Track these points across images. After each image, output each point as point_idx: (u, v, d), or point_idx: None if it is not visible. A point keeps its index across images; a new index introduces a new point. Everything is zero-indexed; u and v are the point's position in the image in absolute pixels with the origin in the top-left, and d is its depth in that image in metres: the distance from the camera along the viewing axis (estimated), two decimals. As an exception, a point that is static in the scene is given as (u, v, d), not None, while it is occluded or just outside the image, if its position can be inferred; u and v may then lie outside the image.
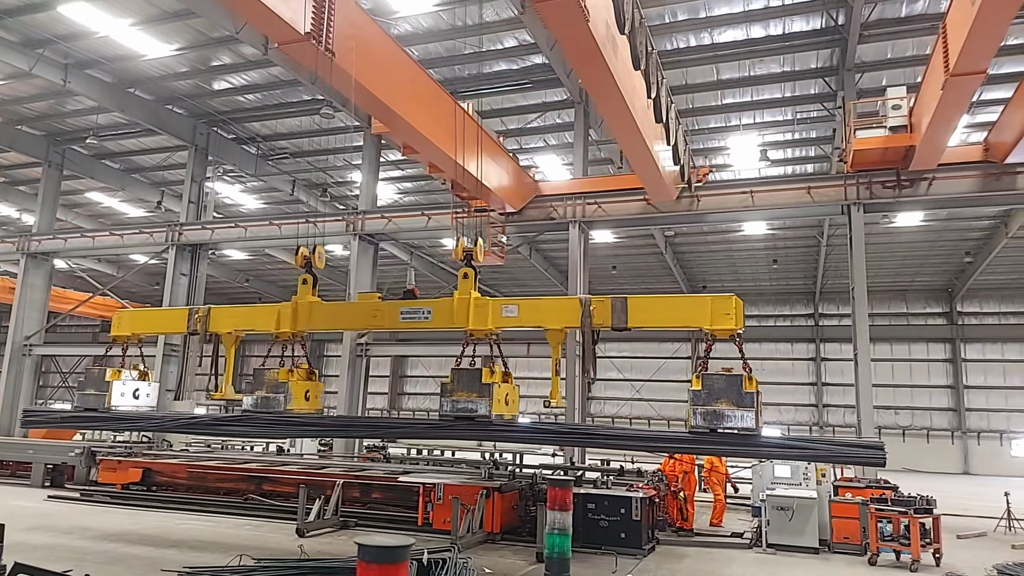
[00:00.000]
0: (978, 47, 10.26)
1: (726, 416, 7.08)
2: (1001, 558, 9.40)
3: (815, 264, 28.24)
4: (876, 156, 15.07)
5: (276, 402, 8.65)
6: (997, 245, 24.03)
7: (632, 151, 13.64)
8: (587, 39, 9.12)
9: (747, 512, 13.59)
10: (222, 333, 9.58)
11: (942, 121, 12.83)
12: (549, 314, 8.38)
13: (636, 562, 9.14)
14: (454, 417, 7.98)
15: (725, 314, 7.63)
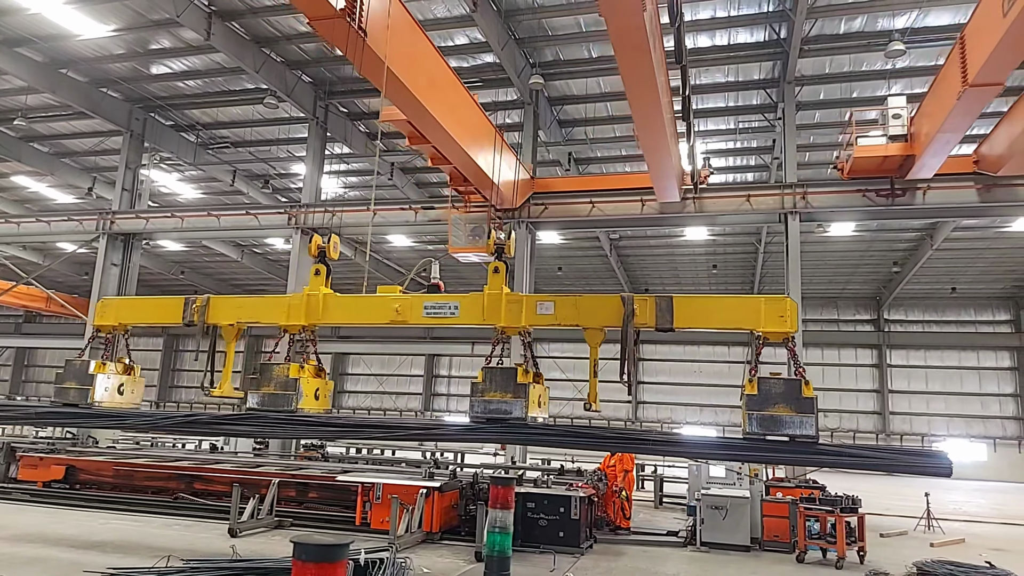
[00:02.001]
0: (1003, 59, 10.37)
1: (785, 422, 6.75)
2: (921, 556, 9.84)
3: (753, 270, 29.05)
4: (875, 164, 15.31)
5: (286, 400, 8.11)
6: (923, 256, 25.19)
7: (654, 149, 13.54)
8: (639, 29, 9.01)
9: (683, 511, 13.87)
10: (222, 325, 9.05)
11: (951, 131, 12.97)
12: (588, 312, 7.98)
13: (574, 560, 9.21)
14: (486, 419, 7.52)
15: (779, 316, 7.35)
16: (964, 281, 29.63)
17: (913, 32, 15.77)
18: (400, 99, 11.15)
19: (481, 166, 14.33)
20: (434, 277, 10.10)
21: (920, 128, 14.35)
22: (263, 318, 9.27)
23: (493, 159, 14.87)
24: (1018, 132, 13.34)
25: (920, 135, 14.34)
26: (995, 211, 16.27)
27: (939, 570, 8.66)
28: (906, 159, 14.84)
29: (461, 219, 16.85)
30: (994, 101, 13.15)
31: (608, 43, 17.02)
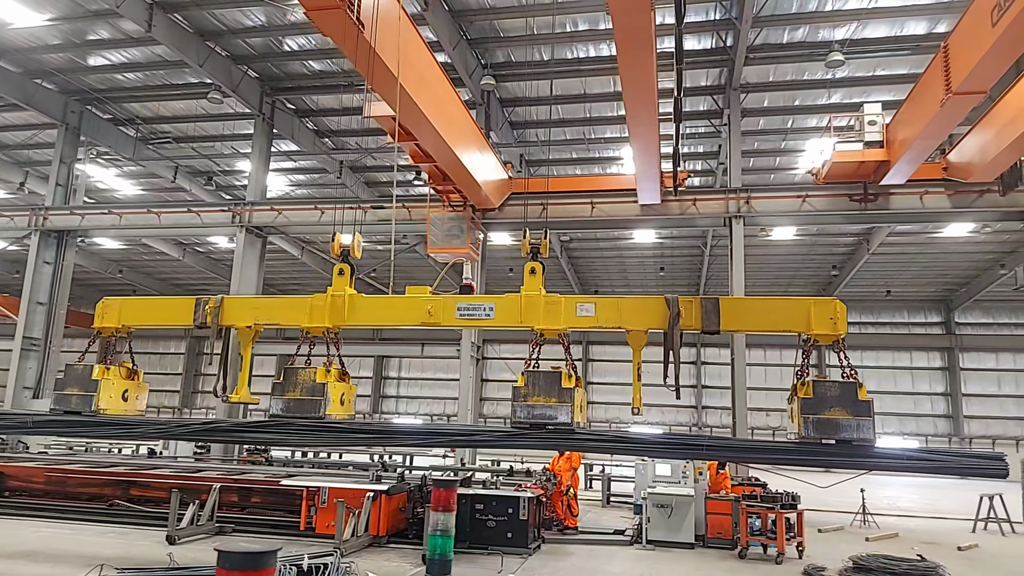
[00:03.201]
0: (989, 68, 10.73)
1: (842, 426, 6.63)
2: (857, 550, 10.15)
3: (699, 272, 29.64)
4: (851, 169, 15.78)
5: (313, 406, 7.78)
6: (860, 260, 26.11)
7: (645, 152, 13.59)
8: (646, 27, 9.04)
9: (630, 510, 14.04)
10: (238, 327, 8.67)
11: (930, 137, 13.44)
12: (631, 314, 7.79)
13: (522, 561, 9.23)
14: (529, 424, 7.28)
15: (828, 318, 7.23)
16: (898, 284, 30.81)
17: (852, 43, 16.33)
18: (390, 94, 10.96)
19: (465, 165, 14.23)
20: (466, 278, 9.83)
21: (895, 135, 14.88)
22: (283, 320, 8.88)
23: (477, 158, 14.80)
24: (989, 141, 13.97)
25: (895, 142, 14.88)
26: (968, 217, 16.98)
27: (873, 564, 8.95)
28: (880, 165, 15.38)
29: (440, 219, 16.68)
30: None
31: (559, 46, 17.23)
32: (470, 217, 16.70)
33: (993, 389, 32.03)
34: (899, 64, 17.22)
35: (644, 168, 14.63)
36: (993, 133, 13.79)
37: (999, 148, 13.62)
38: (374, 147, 21.84)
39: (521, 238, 9.23)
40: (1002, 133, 13.40)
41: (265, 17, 16.64)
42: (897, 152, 14.65)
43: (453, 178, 15.06)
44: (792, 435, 6.84)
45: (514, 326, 8.00)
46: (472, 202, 16.71)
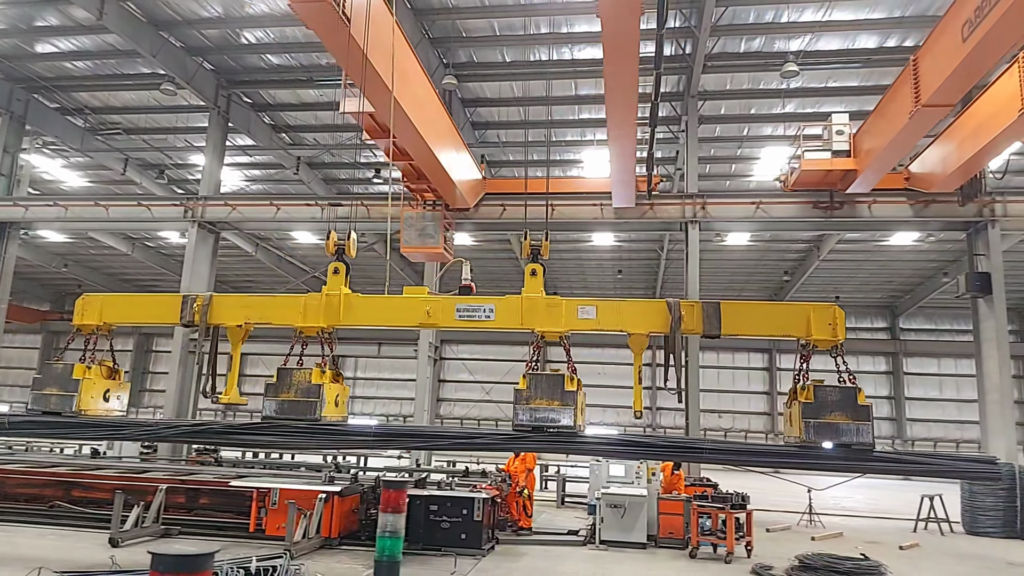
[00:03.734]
0: (958, 82, 11.07)
1: (842, 430, 6.71)
2: (803, 549, 10.41)
3: (656, 275, 30.01)
4: (818, 177, 16.16)
5: (308, 408, 7.58)
6: (810, 266, 26.77)
7: (622, 155, 13.62)
8: (634, 32, 9.05)
9: (585, 510, 14.14)
10: (228, 326, 8.38)
11: (897, 148, 13.81)
12: (633, 318, 7.78)
13: (475, 562, 9.21)
14: (531, 427, 7.22)
15: (827, 324, 7.33)
16: (846, 290, 31.65)
17: (806, 55, 16.75)
18: (373, 91, 10.90)
19: (443, 164, 14.13)
20: (465, 278, 9.66)
21: (862, 145, 15.32)
22: (275, 319, 8.58)
23: (453, 158, 14.70)
24: (951, 153, 14.45)
25: (862, 151, 15.31)
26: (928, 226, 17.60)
27: (819, 563, 9.19)
28: (846, 174, 15.82)
29: (414, 217, 16.53)
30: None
31: (521, 48, 17.28)
32: (444, 217, 16.65)
33: (935, 393, 33.17)
34: (850, 76, 17.73)
35: (620, 172, 14.80)
36: (954, 145, 14.36)
37: (960, 160, 14.18)
38: (332, 143, 21.57)
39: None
40: (963, 145, 13.95)
41: (222, 8, 16.29)
42: (864, 161, 15.13)
43: (430, 177, 14.99)
44: (793, 439, 6.90)
45: (515, 328, 7.96)
46: (447, 202, 16.67)
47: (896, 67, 17.07)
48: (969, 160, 13.94)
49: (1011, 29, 9.45)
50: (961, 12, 10.32)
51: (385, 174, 23.47)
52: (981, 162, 14.32)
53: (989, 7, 9.38)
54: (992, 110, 12.75)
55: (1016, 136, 12.94)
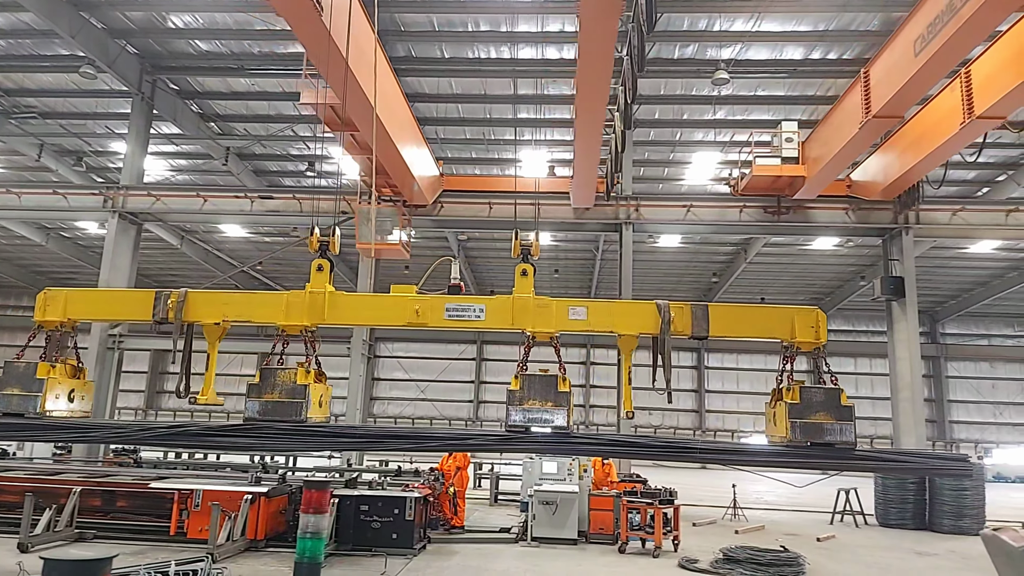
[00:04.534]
0: (909, 94, 11.50)
1: (826, 430, 6.90)
2: (727, 542, 10.74)
3: (591, 275, 30.42)
4: (768, 183, 16.70)
5: (294, 409, 7.32)
6: (738, 268, 27.65)
7: (587, 155, 13.58)
8: (612, 34, 9.18)
9: (517, 508, 14.20)
10: (205, 324, 8.00)
11: (846, 156, 14.33)
12: (623, 319, 7.78)
13: (406, 562, 9.13)
14: (524, 428, 7.17)
15: (809, 327, 7.47)
16: (772, 292, 32.82)
17: (737, 63, 17.24)
18: (339, 81, 10.64)
19: (405, 159, 13.88)
20: (454, 278, 9.41)
21: (810, 152, 15.92)
22: (256, 317, 8.21)
23: (415, 153, 14.46)
24: (892, 162, 15.14)
25: (810, 159, 15.92)
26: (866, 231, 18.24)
27: (741, 555, 9.51)
28: (794, 180, 16.43)
29: (369, 213, 16.18)
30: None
31: (461, 45, 17.18)
32: (402, 213, 16.40)
33: (852, 391, 34.66)
34: (777, 86, 18.35)
35: (584, 172, 14.92)
36: (895, 155, 15.06)
37: (901, 170, 14.90)
38: (264, 134, 20.98)
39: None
40: (904, 156, 14.67)
41: (147, -11, 15.61)
42: (813, 168, 15.76)
43: (390, 172, 14.77)
44: (779, 438, 7.13)
45: (506, 328, 7.89)
46: (405, 197, 16.45)
47: (819, 79, 17.87)
48: (909, 170, 14.70)
49: (962, 46, 9.98)
50: (914, 28, 10.83)
51: (319, 167, 23.01)
52: (920, 172, 15.11)
53: (942, 24, 9.86)
54: (933, 123, 13.35)
55: (956, 148, 13.66)
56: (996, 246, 24.48)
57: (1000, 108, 11.60)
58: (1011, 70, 10.90)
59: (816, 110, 19.15)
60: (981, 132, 12.84)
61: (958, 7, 9.41)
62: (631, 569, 9.35)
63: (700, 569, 9.30)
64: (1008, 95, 11.14)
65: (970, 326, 35.55)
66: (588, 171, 14.91)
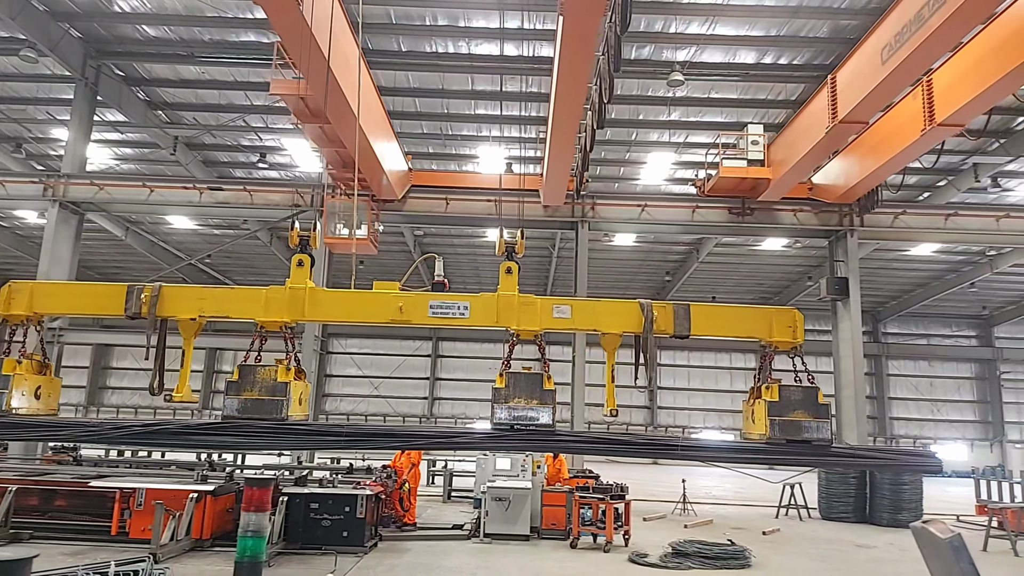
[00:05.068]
0: (875, 101, 11.76)
1: (804, 427, 7.06)
2: (676, 536, 10.94)
3: (547, 272, 30.56)
4: (733, 184, 17.02)
5: (274, 407, 7.13)
6: (690, 267, 28.12)
7: (563, 154, 13.59)
8: (594, 32, 9.16)
9: (471, 504, 14.19)
10: (181, 319, 7.73)
11: (811, 159, 14.62)
12: (606, 318, 7.81)
13: (357, 559, 9.04)
14: (510, 426, 7.14)
15: (787, 327, 7.64)
16: (722, 291, 33.48)
17: (691, 65, 17.51)
18: (315, 72, 10.56)
19: (376, 153, 13.65)
20: (438, 274, 9.32)
21: (776, 156, 16.28)
22: (234, 312, 7.95)
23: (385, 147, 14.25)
24: (852, 167, 15.55)
25: (775, 162, 16.25)
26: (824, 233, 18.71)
27: (690, 549, 9.69)
28: (759, 182, 16.78)
29: (339, 207, 15.85)
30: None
31: (418, 38, 17.03)
32: (371, 207, 16.19)
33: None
34: (730, 89, 18.70)
35: (557, 171, 14.95)
36: (856, 160, 15.46)
37: (863, 174, 15.34)
38: (214, 124, 20.46)
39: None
40: (865, 160, 15.09)
41: (92, -29, 15.06)
42: (778, 171, 16.11)
43: (361, 166, 14.54)
44: (758, 435, 7.28)
45: (490, 326, 7.84)
46: (375, 192, 16.21)
47: (770, 83, 18.26)
48: (870, 175, 15.16)
49: (929, 55, 10.32)
50: (882, 36, 11.14)
51: (272, 159, 22.57)
52: (881, 177, 15.60)
53: (910, 34, 10.17)
54: (894, 129, 13.77)
55: (916, 154, 14.18)
56: (935, 249, 25.46)
57: (960, 116, 12.07)
58: (971, 79, 11.35)
59: (767, 113, 19.58)
60: (941, 139, 13.35)
61: (926, 18, 9.71)
62: (582, 564, 9.43)
63: (649, 563, 9.44)
64: (968, 104, 11.60)
65: (910, 326, 36.87)
66: (562, 170, 14.98)
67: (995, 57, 10.82)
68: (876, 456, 8.39)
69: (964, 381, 36.21)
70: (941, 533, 3.50)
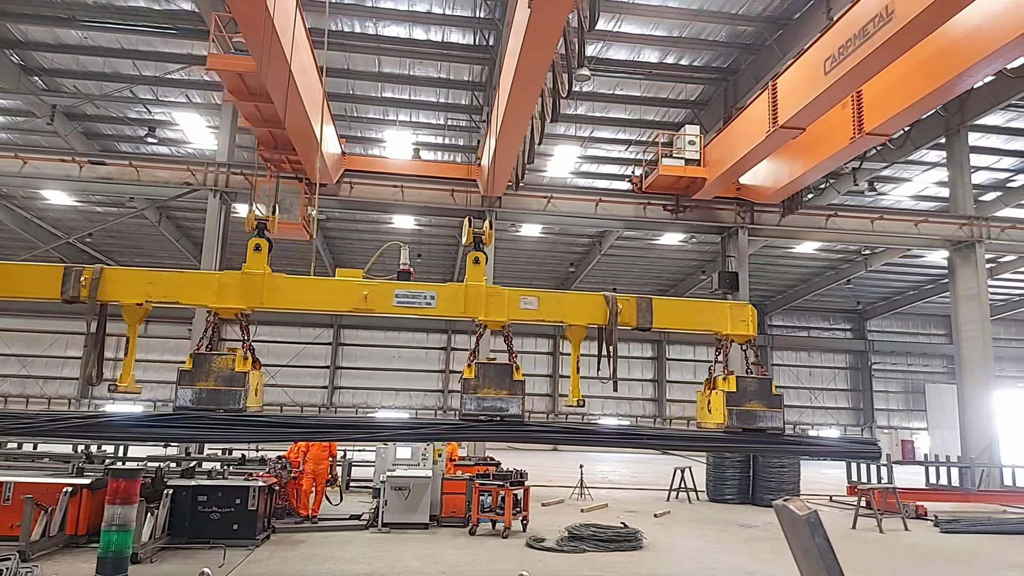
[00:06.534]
0: (816, 109, 12.07)
1: (759, 416, 7.31)
2: (573, 520, 11.22)
3: (455, 261, 30.48)
4: (671, 182, 17.46)
5: (232, 397, 6.73)
6: (593, 259, 28.80)
7: (512, 142, 13.37)
8: (560, 27, 9.18)
9: (370, 494, 14.00)
10: (124, 304, 7.05)
11: (750, 161, 15.09)
12: (573, 309, 7.78)
13: (247, 553, 8.74)
14: (479, 416, 7.04)
15: (741, 321, 7.84)
16: (623, 283, 34.49)
17: (598, 61, 17.85)
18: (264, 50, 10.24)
19: (316, 134, 13.02)
20: (403, 263, 8.85)
21: (712, 156, 16.75)
22: (184, 298, 7.31)
23: (323, 129, 13.58)
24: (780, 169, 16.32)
25: (711, 162, 16.74)
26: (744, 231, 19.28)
27: (585, 532, 9.97)
28: (693, 181, 17.34)
29: (269, 190, 15.05)
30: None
31: (321, 15, 16.48)
32: (304, 192, 15.54)
33: (690, 377, 37.45)
34: (634, 87, 19.21)
35: (504, 161, 14.81)
36: (785, 163, 16.16)
37: (791, 176, 16.06)
38: (97, 94, 19.09)
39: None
40: (794, 164, 15.83)
41: (-44, -83, 13.67)
42: (714, 171, 16.66)
43: (298, 148, 13.97)
44: (716, 425, 7.53)
45: (457, 316, 7.73)
46: (308, 175, 15.58)
47: (672, 83, 18.90)
48: (798, 177, 15.95)
49: (871, 68, 10.82)
50: (825, 48, 11.56)
51: (160, 133, 21.31)
52: (808, 180, 16.45)
53: (853, 48, 10.63)
54: (823, 135, 14.40)
55: (843, 160, 15.02)
56: (817, 247, 27.20)
57: (888, 127, 12.89)
58: (900, 93, 12.11)
59: (668, 112, 20.27)
60: (868, 146, 14.25)
61: (871, 33, 10.20)
62: (480, 550, 9.51)
63: (546, 547, 9.63)
64: (896, 116, 12.38)
65: (794, 319, 39.30)
66: (509, 160, 14.94)
67: (922, 72, 11.59)
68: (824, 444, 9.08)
69: (840, 371, 39.01)
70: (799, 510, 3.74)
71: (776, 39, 16.47)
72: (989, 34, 10.37)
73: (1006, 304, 35.19)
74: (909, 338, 39.82)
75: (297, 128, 13.46)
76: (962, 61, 10.88)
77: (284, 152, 14.95)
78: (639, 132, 21.16)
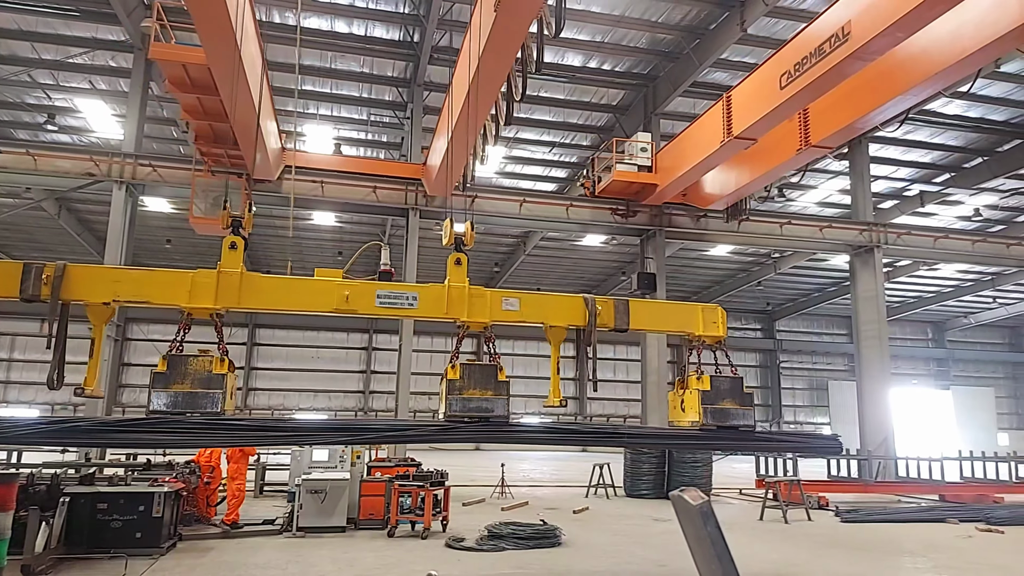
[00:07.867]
0: (769, 121, 12.32)
1: (731, 414, 7.53)
2: (493, 519, 11.21)
3: (377, 259, 29.97)
4: (623, 187, 17.67)
5: (209, 400, 6.43)
6: (518, 260, 28.98)
7: (463, 143, 13.27)
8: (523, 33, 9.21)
9: (284, 498, 13.61)
10: (90, 303, 6.59)
11: (702, 169, 15.37)
12: (553, 311, 7.84)
13: (152, 562, 8.33)
14: (465, 417, 6.96)
15: (712, 322, 8.04)
16: (547, 283, 34.87)
17: (546, 66, 17.97)
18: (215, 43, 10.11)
19: (261, 130, 12.42)
20: (384, 263, 8.42)
21: (664, 163, 17.08)
22: (155, 297, 6.81)
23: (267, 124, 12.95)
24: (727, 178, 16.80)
25: (662, 169, 17.08)
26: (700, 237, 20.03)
27: (504, 531, 10.00)
28: (644, 186, 17.69)
29: (209, 185, 14.28)
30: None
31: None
32: (244, 188, 14.89)
33: (611, 375, 38.21)
34: (558, 89, 19.45)
35: (456, 161, 14.61)
36: (732, 171, 16.67)
37: (737, 184, 16.60)
38: (-11, 76, 17.84)
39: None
40: (740, 172, 16.32)
41: None
42: (666, 177, 16.98)
43: (241, 143, 13.32)
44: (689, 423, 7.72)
45: (439, 317, 7.64)
46: (249, 171, 14.90)
47: (594, 87, 19.23)
48: (745, 185, 16.49)
49: (825, 85, 11.22)
50: (781, 64, 11.90)
51: (61, 121, 20.09)
52: (754, 188, 17.02)
53: (809, 65, 10.98)
54: (770, 146, 14.85)
55: (788, 170, 15.64)
56: (729, 250, 28.27)
57: (832, 140, 13.50)
58: (844, 109, 12.66)
59: (591, 116, 20.61)
60: (812, 158, 14.86)
61: (827, 52, 10.57)
62: (399, 552, 9.40)
63: (466, 547, 9.61)
64: (840, 131, 12.99)
65: (708, 319, 40.67)
66: (460, 161, 14.79)
67: (867, 90, 12.15)
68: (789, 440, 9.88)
69: (751, 369, 40.66)
70: (693, 500, 3.88)
71: (693, 48, 17.01)
72: (933, 58, 10.96)
73: (902, 305, 37.57)
74: (814, 337, 41.94)
75: (242, 122, 12.98)
76: (907, 81, 11.50)
77: (225, 147, 14.43)
78: (563, 134, 21.44)
